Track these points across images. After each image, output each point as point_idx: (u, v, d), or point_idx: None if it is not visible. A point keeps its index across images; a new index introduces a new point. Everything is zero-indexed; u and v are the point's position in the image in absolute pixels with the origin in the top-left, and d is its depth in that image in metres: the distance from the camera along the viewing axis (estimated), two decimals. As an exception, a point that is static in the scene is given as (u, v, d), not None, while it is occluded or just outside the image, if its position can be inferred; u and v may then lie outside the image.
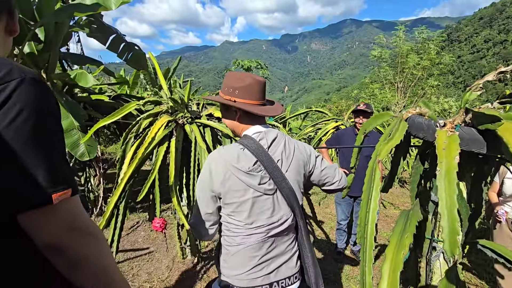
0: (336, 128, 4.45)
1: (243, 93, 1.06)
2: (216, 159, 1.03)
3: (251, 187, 1.00)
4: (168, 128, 1.98)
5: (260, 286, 1.04)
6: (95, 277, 0.62)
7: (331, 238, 3.51)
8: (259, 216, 1.03)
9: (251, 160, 1.01)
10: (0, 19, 0.61)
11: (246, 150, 1.03)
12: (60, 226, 0.56)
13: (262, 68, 15.68)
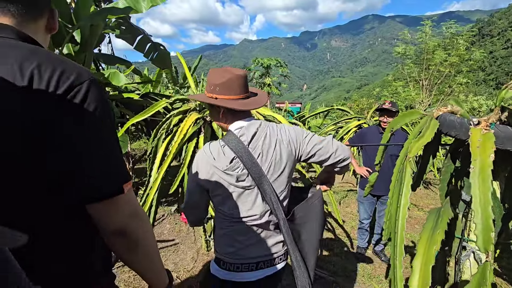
0: (358, 127, 4.40)
1: (224, 89, 1.07)
2: (201, 157, 1.09)
3: (230, 184, 1.06)
4: (196, 125, 2.07)
5: (247, 264, 1.13)
6: (147, 256, 0.72)
7: (352, 237, 3.49)
8: (240, 209, 1.09)
9: (229, 158, 1.05)
10: (42, 17, 0.65)
11: (226, 147, 1.06)
12: (126, 213, 0.63)
13: (282, 66, 15.66)
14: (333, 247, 3.19)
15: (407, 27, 26.66)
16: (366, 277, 2.64)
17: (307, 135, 1.20)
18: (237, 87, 1.09)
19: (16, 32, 0.59)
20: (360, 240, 2.97)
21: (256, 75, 15.78)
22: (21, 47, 0.56)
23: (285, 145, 1.13)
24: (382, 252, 2.96)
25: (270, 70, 15.74)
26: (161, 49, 4.97)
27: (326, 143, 1.20)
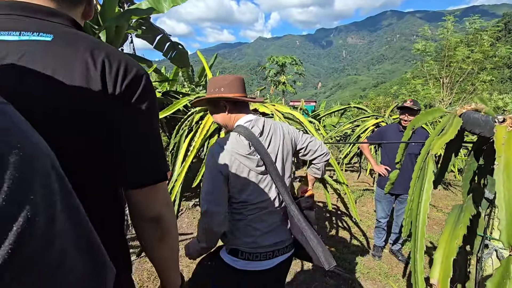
0: (376, 126, 4.35)
1: (228, 88, 1.19)
2: (220, 147, 1.14)
3: (251, 169, 1.14)
4: (217, 122, 2.14)
5: (265, 252, 1.20)
6: (172, 248, 0.73)
7: (368, 236, 3.48)
8: (258, 194, 1.17)
9: (247, 144, 1.14)
10: (82, 3, 0.64)
11: (242, 136, 1.15)
12: (163, 201, 0.67)
13: (297, 64, 15.56)
14: (349, 245, 3.20)
15: (428, 23, 25.68)
16: (382, 275, 2.63)
17: (300, 131, 1.37)
18: (238, 87, 1.21)
19: (70, 19, 0.59)
20: (377, 239, 2.96)
21: (271, 73, 15.77)
22: (83, 36, 0.57)
23: (288, 137, 1.27)
24: (400, 252, 2.94)
25: (285, 68, 15.69)
26: (179, 48, 5.09)
27: (314, 139, 1.38)
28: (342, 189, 2.32)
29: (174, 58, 5.13)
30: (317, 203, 4.86)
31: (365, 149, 2.98)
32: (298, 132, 1.34)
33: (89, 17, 0.68)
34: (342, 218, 4.08)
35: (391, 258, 2.96)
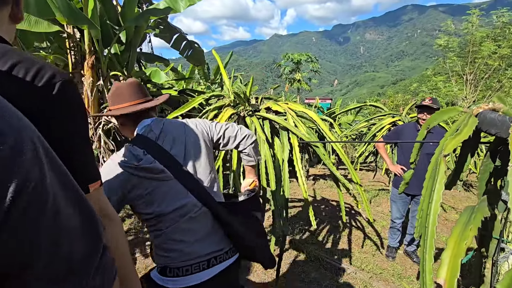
0: (392, 124, 4.26)
1: (114, 99, 1.12)
2: (114, 165, 1.02)
3: (151, 179, 1.02)
4: (231, 120, 2.18)
5: (197, 263, 1.08)
6: (118, 261, 0.63)
7: (382, 237, 3.43)
8: (169, 201, 1.05)
9: (140, 154, 1.02)
10: (6, 4, 0.56)
11: (135, 146, 1.04)
12: (99, 212, 0.62)
13: (313, 61, 15.37)
14: (362, 245, 3.17)
15: (451, 17, 24.66)
16: (396, 276, 2.60)
17: (212, 122, 1.27)
18: (128, 94, 1.10)
19: None
20: (391, 239, 2.92)
21: (286, 71, 15.68)
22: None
23: (198, 131, 1.17)
24: (414, 253, 2.89)
25: (300, 66, 15.55)
26: (195, 47, 5.19)
27: (230, 125, 1.29)
28: (355, 188, 2.31)
29: (190, 56, 5.24)
30: (330, 202, 4.83)
31: (381, 148, 2.94)
32: (211, 123, 1.25)
33: (18, 19, 0.59)
34: (356, 218, 4.04)
35: (405, 260, 2.91)
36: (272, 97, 2.68)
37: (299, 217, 3.99)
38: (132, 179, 1.01)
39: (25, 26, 2.85)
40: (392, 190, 2.90)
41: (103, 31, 3.37)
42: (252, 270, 2.55)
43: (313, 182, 6.34)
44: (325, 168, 8.60)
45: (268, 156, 2.04)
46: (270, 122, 2.25)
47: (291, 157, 2.19)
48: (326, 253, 2.92)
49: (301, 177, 2.02)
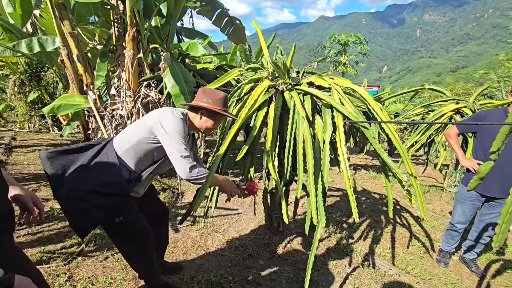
0: (456, 111, 3.65)
1: (224, 103, 1.63)
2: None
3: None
4: (268, 93, 1.97)
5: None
6: None
7: (432, 238, 3.02)
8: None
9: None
10: None
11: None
12: None
13: (361, 43, 14.16)
14: (408, 245, 2.81)
15: (537, -8, 20.73)
16: (449, 285, 2.24)
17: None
18: (226, 104, 1.64)
19: None
20: (446, 243, 2.51)
21: (331, 53, 14.72)
22: None
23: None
24: (474, 262, 2.46)
25: (347, 48, 14.46)
26: (236, 23, 4.97)
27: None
28: (409, 180, 1.97)
29: (231, 33, 5.05)
30: (372, 194, 4.43)
31: (451, 138, 2.37)
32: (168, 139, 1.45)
33: None
34: (401, 214, 3.63)
35: (461, 268, 2.50)
36: (315, 71, 2.38)
37: (336, 207, 3.71)
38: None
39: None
40: (461, 188, 2.40)
41: (145, 2, 3.31)
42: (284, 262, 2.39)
43: (354, 172, 5.91)
44: (367, 158, 8.01)
45: (307, 135, 1.79)
46: (311, 98, 1.98)
47: (332, 139, 1.92)
48: (364, 249, 2.64)
49: (344, 161, 1.75)
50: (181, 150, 1.40)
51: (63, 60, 3.57)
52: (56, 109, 3.56)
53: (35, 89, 6.86)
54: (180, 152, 1.40)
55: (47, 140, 6.79)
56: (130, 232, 1.51)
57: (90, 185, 1.34)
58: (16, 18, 4.55)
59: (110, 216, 1.41)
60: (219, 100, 1.58)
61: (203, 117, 1.58)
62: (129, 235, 1.52)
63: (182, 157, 1.40)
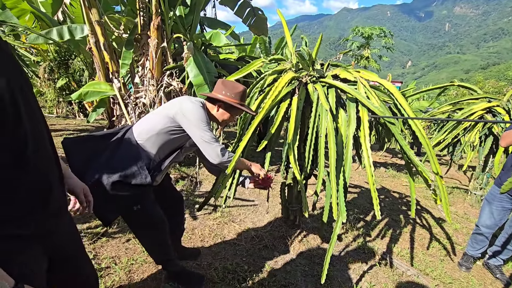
0: (487, 110, 3.46)
1: (241, 97, 1.62)
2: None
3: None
4: (291, 85, 1.94)
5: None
6: None
7: (454, 241, 2.91)
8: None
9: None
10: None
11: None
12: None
13: (386, 36, 13.61)
14: (428, 246, 2.73)
15: None
16: (471, 291, 2.16)
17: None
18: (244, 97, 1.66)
19: None
20: (471, 248, 2.41)
21: (354, 46, 14.26)
22: None
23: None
24: (499, 268, 2.35)
25: (370, 41, 13.95)
26: (259, 14, 4.91)
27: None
28: (435, 180, 1.89)
29: (253, 25, 5.00)
30: (392, 193, 4.32)
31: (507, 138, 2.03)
32: (195, 126, 1.49)
33: None
34: (421, 215, 3.53)
35: (484, 273, 2.41)
36: (341, 64, 2.32)
37: (353, 204, 3.65)
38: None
39: (100, -15, 2.95)
40: (492, 188, 2.28)
41: (169, -9, 3.34)
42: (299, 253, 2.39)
43: (373, 169, 5.77)
44: (386, 156, 7.79)
45: (330, 129, 1.76)
46: (336, 91, 1.94)
47: (355, 134, 1.88)
48: (382, 248, 2.59)
49: (368, 157, 1.71)
50: (209, 136, 1.43)
51: (91, 48, 3.68)
52: (84, 96, 3.69)
53: (63, 76, 7.14)
54: (208, 139, 1.43)
55: (73, 126, 7.10)
56: (146, 220, 1.53)
57: (112, 175, 1.35)
58: (47, 7, 4.72)
59: (129, 205, 1.44)
60: (237, 93, 1.57)
61: (220, 109, 1.60)
62: (145, 223, 1.54)
63: (211, 142, 1.44)
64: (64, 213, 0.84)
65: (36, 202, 0.70)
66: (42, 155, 0.71)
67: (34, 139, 0.67)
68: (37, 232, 0.70)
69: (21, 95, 0.64)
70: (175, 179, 3.70)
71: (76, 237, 0.93)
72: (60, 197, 0.80)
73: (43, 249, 0.74)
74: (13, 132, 0.62)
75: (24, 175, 0.66)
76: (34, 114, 0.69)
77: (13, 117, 0.62)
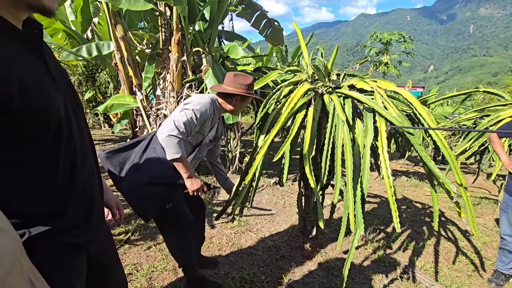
0: (516, 117, 3.28)
1: (250, 88, 1.75)
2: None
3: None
4: (307, 96, 1.96)
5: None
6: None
7: (483, 256, 2.76)
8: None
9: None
10: None
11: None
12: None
13: (406, 41, 13.31)
14: (454, 261, 2.61)
15: None
16: (501, 309, 2.04)
17: (184, 109, 1.54)
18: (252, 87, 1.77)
19: None
20: (500, 262, 2.28)
21: (372, 53, 14.04)
22: None
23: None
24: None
25: (389, 47, 13.69)
26: (275, 25, 5.01)
27: (175, 114, 1.54)
28: (458, 191, 1.83)
29: (269, 35, 5.10)
30: (414, 203, 4.17)
31: (496, 143, 2.28)
32: (182, 109, 1.54)
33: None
34: (447, 227, 3.37)
35: (518, 291, 2.26)
36: (357, 74, 2.32)
37: (373, 214, 3.56)
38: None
39: (126, 5, 3.15)
40: (505, 197, 2.23)
41: (189, 8, 3.49)
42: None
43: (393, 178, 5.61)
44: (408, 164, 7.54)
45: (347, 140, 1.76)
46: (352, 102, 1.94)
47: (373, 144, 1.86)
48: (404, 261, 2.50)
49: (386, 168, 1.69)
50: (182, 122, 1.47)
51: (117, 63, 3.90)
52: (110, 108, 3.91)
53: (90, 89, 7.57)
54: (179, 122, 1.47)
55: (99, 136, 7.47)
56: (176, 219, 1.65)
57: (144, 178, 1.48)
58: (77, 25, 5.08)
59: (162, 204, 1.56)
60: (249, 85, 1.72)
61: (237, 101, 1.73)
62: (175, 222, 1.66)
63: (177, 127, 1.46)
64: (103, 223, 0.91)
65: (83, 213, 0.77)
66: (87, 169, 0.78)
67: (82, 154, 0.75)
68: (81, 241, 0.77)
69: (73, 114, 0.72)
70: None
71: (112, 247, 1.00)
72: (101, 208, 0.87)
73: (85, 258, 0.80)
74: (66, 148, 0.70)
75: (75, 188, 0.73)
76: (82, 131, 0.77)
77: (67, 134, 0.69)
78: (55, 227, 0.68)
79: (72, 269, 0.75)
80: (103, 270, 0.90)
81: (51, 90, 0.65)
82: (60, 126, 0.67)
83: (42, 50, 0.66)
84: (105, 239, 0.92)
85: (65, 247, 0.72)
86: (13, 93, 0.55)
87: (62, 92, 0.69)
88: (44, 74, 0.65)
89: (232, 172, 4.39)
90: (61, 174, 0.69)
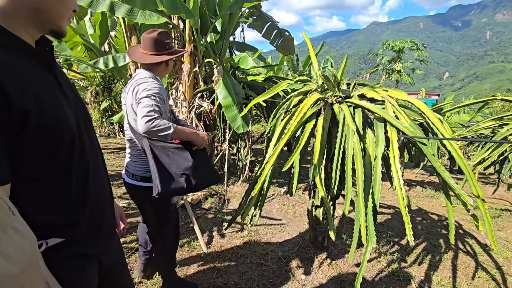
0: (537, 126, 3.16)
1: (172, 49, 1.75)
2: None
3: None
4: (316, 106, 1.97)
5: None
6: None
7: (505, 272, 2.62)
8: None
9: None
10: None
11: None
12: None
13: (419, 48, 13.13)
14: (473, 277, 2.49)
15: None
16: (526, 330, 1.92)
17: (144, 90, 1.50)
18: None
19: None
20: (522, 278, 2.17)
21: (384, 61, 13.92)
22: None
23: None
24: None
25: (402, 55, 13.53)
26: (285, 35, 5.07)
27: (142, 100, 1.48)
28: (475, 203, 1.76)
29: (280, 45, 5.16)
30: (429, 215, 4.03)
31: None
32: (142, 98, 1.47)
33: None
34: (465, 240, 3.23)
35: (544, 311, 2.13)
36: (368, 83, 2.31)
37: (387, 225, 3.46)
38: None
39: (142, 20, 3.27)
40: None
41: (202, 20, 3.60)
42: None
43: (408, 188, 5.46)
44: (423, 174, 7.32)
45: (357, 150, 1.74)
46: (363, 111, 1.93)
47: (385, 154, 1.83)
48: (419, 275, 2.41)
49: (398, 179, 1.65)
50: (149, 107, 1.44)
51: (131, 74, 4.04)
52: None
53: (107, 99, 7.84)
54: (147, 108, 1.44)
55: (114, 144, 7.67)
56: (175, 213, 1.88)
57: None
58: (96, 39, 5.31)
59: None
60: (168, 41, 1.69)
61: (167, 65, 1.73)
62: (172, 216, 1.85)
63: (146, 112, 1.43)
64: (113, 234, 0.93)
65: (95, 225, 0.80)
66: (99, 183, 0.81)
67: (94, 167, 0.78)
68: (94, 251, 0.79)
69: (84, 128, 0.75)
70: (204, 196, 3.81)
71: (122, 256, 1.02)
72: (112, 220, 0.90)
73: (97, 268, 0.82)
74: (79, 162, 0.73)
75: (87, 201, 0.76)
76: (93, 144, 0.80)
77: (79, 147, 0.73)
78: (69, 238, 0.71)
79: (86, 278, 0.77)
80: (114, 280, 0.92)
81: (63, 104, 0.69)
82: (72, 139, 0.70)
83: (53, 66, 0.70)
84: (116, 249, 0.95)
85: (80, 257, 0.75)
86: (29, 108, 0.58)
87: (73, 106, 0.73)
88: (56, 89, 0.69)
89: (242, 181, 4.39)
90: (74, 187, 0.72)
